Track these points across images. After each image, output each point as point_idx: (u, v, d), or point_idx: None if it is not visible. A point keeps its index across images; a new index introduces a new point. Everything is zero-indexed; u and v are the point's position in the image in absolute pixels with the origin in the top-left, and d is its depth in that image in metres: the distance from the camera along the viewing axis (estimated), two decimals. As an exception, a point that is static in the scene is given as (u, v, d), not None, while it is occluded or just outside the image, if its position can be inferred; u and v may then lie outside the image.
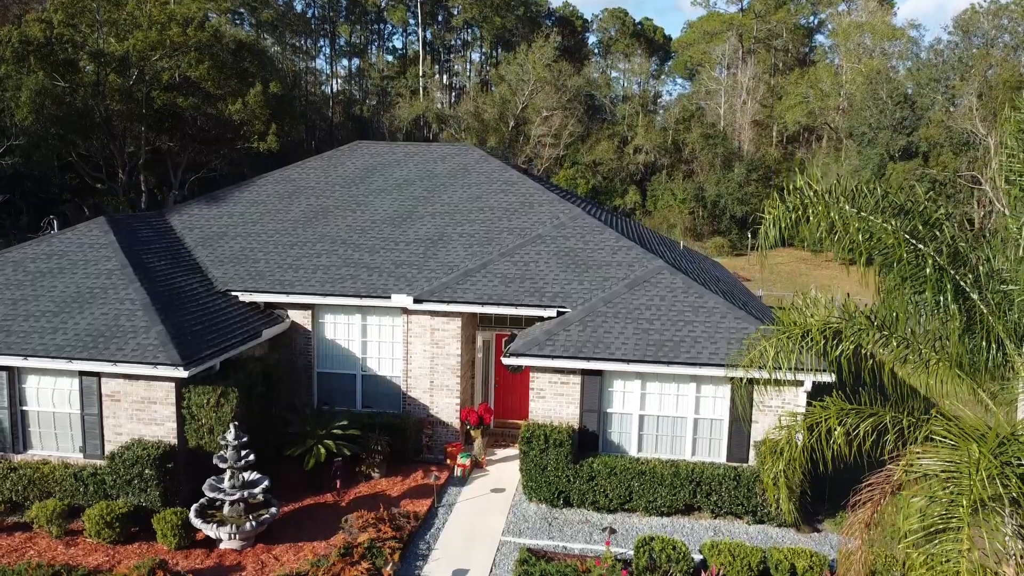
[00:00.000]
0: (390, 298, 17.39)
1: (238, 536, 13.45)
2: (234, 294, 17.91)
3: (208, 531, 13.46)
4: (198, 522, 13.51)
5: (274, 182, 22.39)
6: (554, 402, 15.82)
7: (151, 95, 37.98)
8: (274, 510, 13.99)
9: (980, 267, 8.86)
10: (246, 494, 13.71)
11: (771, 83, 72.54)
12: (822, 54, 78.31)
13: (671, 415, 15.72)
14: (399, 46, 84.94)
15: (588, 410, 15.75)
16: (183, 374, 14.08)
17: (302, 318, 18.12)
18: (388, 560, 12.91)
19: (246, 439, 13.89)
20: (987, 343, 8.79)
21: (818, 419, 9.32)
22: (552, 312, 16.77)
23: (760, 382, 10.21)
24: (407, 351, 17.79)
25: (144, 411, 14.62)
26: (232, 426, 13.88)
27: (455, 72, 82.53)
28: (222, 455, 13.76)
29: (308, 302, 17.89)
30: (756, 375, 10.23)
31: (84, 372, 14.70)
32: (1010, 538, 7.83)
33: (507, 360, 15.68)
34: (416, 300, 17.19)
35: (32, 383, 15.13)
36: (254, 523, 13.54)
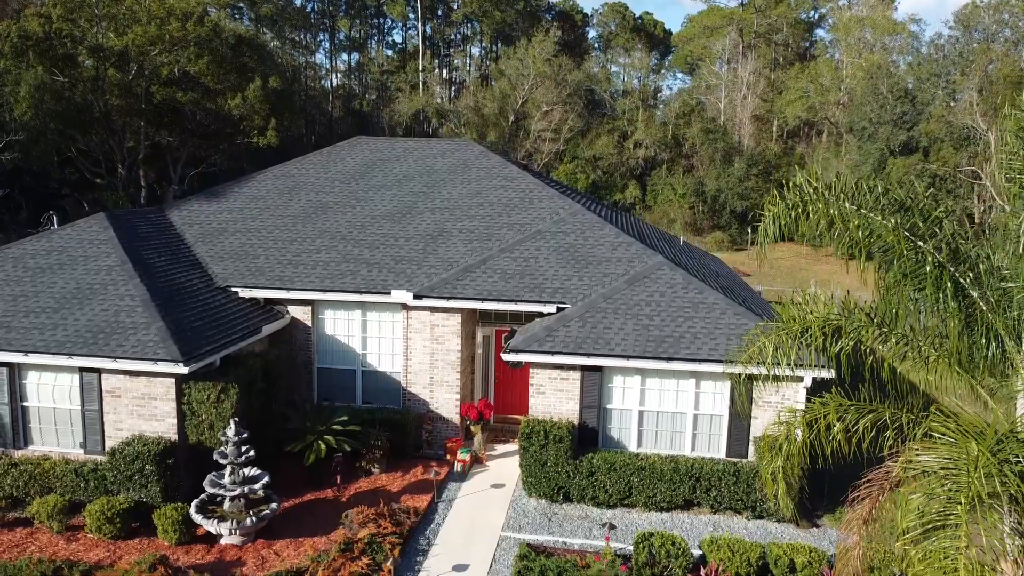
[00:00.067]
0: (390, 294, 17.40)
1: (239, 531, 13.49)
2: (234, 290, 17.92)
3: (209, 526, 13.50)
4: (199, 518, 13.55)
5: (274, 178, 22.38)
6: (554, 398, 15.85)
7: (150, 90, 37.95)
8: (274, 506, 14.03)
9: (980, 264, 8.87)
10: (246, 490, 13.75)
11: (771, 78, 72.41)
12: (822, 49, 78.17)
13: (671, 411, 15.75)
14: (399, 40, 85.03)
15: (588, 406, 15.77)
16: (183, 370, 14.10)
17: (302, 314, 18.13)
18: (388, 555, 12.95)
19: (246, 435, 13.92)
20: (986, 340, 8.80)
21: (817, 415, 9.33)
22: (552, 308, 16.78)
23: (759, 378, 10.23)
24: (407, 347, 17.81)
25: (144, 407, 14.64)
26: (232, 422, 13.91)
27: (455, 67, 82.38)
28: (222, 451, 13.79)
29: (308, 298, 17.90)
30: (755, 371, 10.25)
31: (84, 368, 14.72)
32: (1008, 535, 7.85)
33: (507, 356, 15.70)
34: (416, 296, 17.20)
35: (32, 379, 15.16)
36: (254, 519, 13.57)
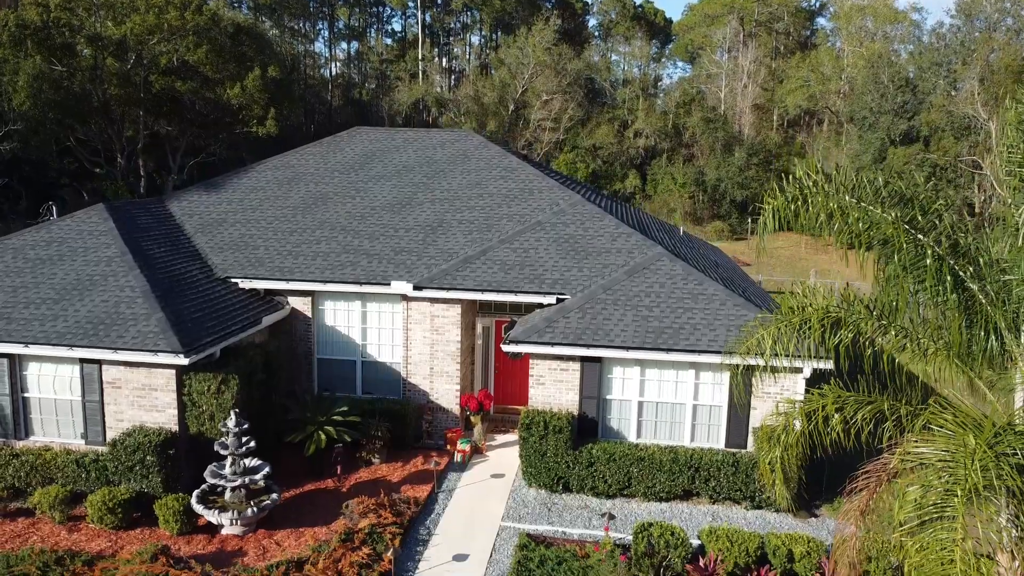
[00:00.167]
0: (390, 285, 17.41)
1: (240, 522, 13.55)
2: (234, 281, 17.93)
3: (210, 517, 13.56)
4: (200, 508, 13.61)
5: (273, 168, 22.34)
6: (554, 389, 15.89)
7: (149, 79, 37.81)
8: (275, 496, 14.08)
9: (980, 257, 8.87)
10: (247, 480, 13.80)
11: (772, 66, 72.13)
12: (823, 37, 77.82)
13: (670, 401, 15.79)
14: (398, 29, 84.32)
15: (587, 397, 15.81)
16: (184, 361, 14.13)
17: (302, 305, 18.15)
18: (389, 545, 13.02)
19: (247, 426, 13.96)
20: (985, 333, 8.81)
21: (816, 406, 9.36)
22: (552, 299, 16.80)
23: (758, 370, 10.25)
24: (407, 337, 17.83)
25: (145, 398, 14.68)
26: (233, 413, 13.95)
27: (455, 55, 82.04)
28: (223, 442, 13.83)
29: (308, 289, 17.92)
30: (754, 363, 10.26)
31: (85, 359, 14.75)
32: (1004, 527, 7.89)
33: (507, 347, 15.73)
34: (416, 287, 17.21)
35: (33, 370, 15.18)
36: (255, 509, 13.63)
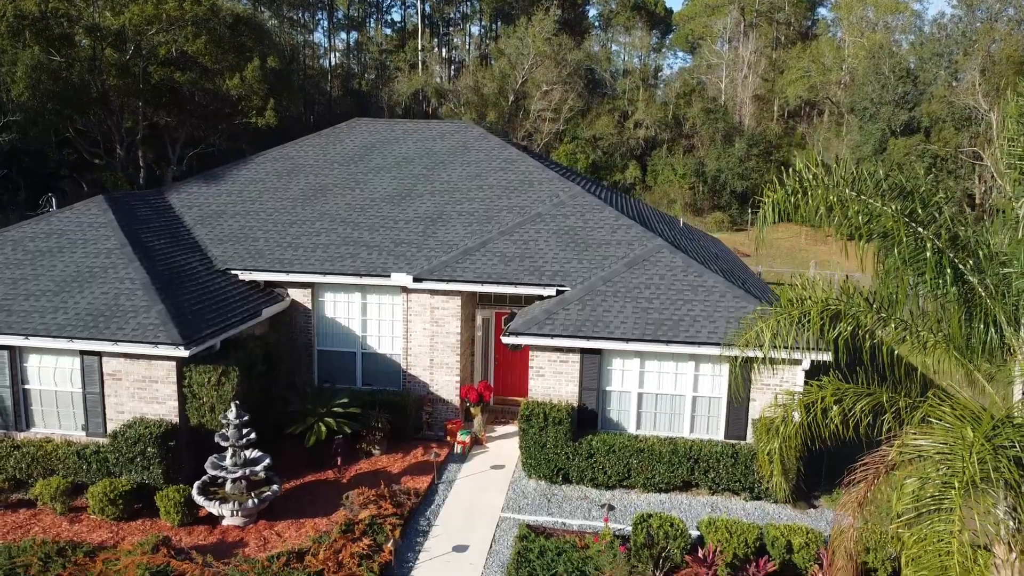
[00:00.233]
0: (390, 276, 17.41)
1: (240, 513, 13.60)
2: (234, 273, 17.93)
3: (211, 508, 13.61)
4: (201, 499, 13.66)
5: (272, 160, 22.30)
6: (553, 380, 15.91)
7: (148, 70, 37.68)
8: (276, 487, 14.13)
9: (979, 250, 8.87)
10: (248, 472, 13.84)
11: (773, 57, 71.82)
12: (824, 27, 77.43)
13: (670, 393, 15.82)
14: (398, 19, 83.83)
15: (587, 388, 15.84)
16: (184, 353, 14.15)
17: (302, 297, 18.16)
18: (389, 536, 13.07)
19: (247, 417, 13.99)
20: (985, 325, 8.83)
21: (815, 398, 9.38)
22: (551, 291, 16.80)
23: (757, 362, 10.26)
24: (407, 329, 17.85)
25: (145, 390, 14.71)
26: (233, 404, 13.98)
27: (454, 46, 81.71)
28: (224, 433, 13.87)
29: (308, 280, 17.92)
30: (753, 355, 10.28)
31: (85, 351, 14.77)
32: (1002, 519, 7.92)
33: (506, 339, 15.75)
34: (416, 279, 17.22)
35: (34, 362, 15.21)
36: (256, 500, 13.68)
